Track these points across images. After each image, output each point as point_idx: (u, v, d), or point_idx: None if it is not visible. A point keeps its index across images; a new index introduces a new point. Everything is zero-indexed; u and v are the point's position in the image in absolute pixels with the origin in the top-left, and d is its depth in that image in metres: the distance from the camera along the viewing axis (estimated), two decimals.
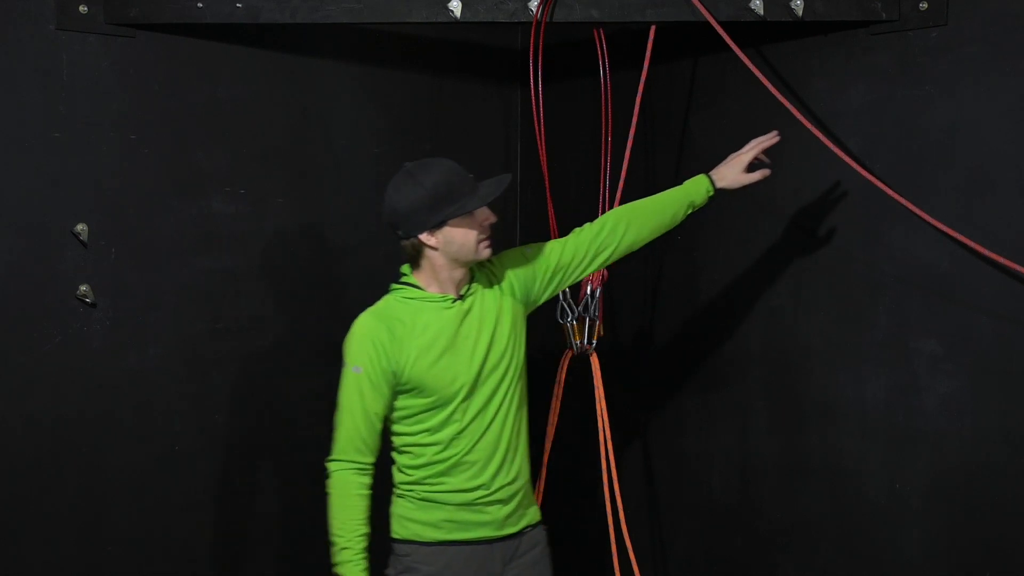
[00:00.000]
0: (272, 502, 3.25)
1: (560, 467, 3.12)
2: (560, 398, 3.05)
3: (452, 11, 2.88)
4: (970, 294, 2.56)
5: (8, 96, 2.79)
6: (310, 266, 3.30)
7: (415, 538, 2.55)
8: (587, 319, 3.02)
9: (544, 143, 3.13)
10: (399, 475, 2.59)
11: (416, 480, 2.55)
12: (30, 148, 2.82)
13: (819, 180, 2.83)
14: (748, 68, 2.70)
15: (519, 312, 2.61)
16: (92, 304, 2.91)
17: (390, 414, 2.54)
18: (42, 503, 2.87)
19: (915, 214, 2.57)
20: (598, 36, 3.11)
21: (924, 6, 2.61)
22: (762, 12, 2.74)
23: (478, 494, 2.53)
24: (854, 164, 2.66)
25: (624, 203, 2.76)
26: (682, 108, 3.18)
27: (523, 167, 3.65)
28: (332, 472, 2.52)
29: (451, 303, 2.52)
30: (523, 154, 3.66)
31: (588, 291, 3.01)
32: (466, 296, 2.54)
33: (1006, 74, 2.50)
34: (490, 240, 2.52)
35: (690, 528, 3.24)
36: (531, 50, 3.03)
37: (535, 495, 2.83)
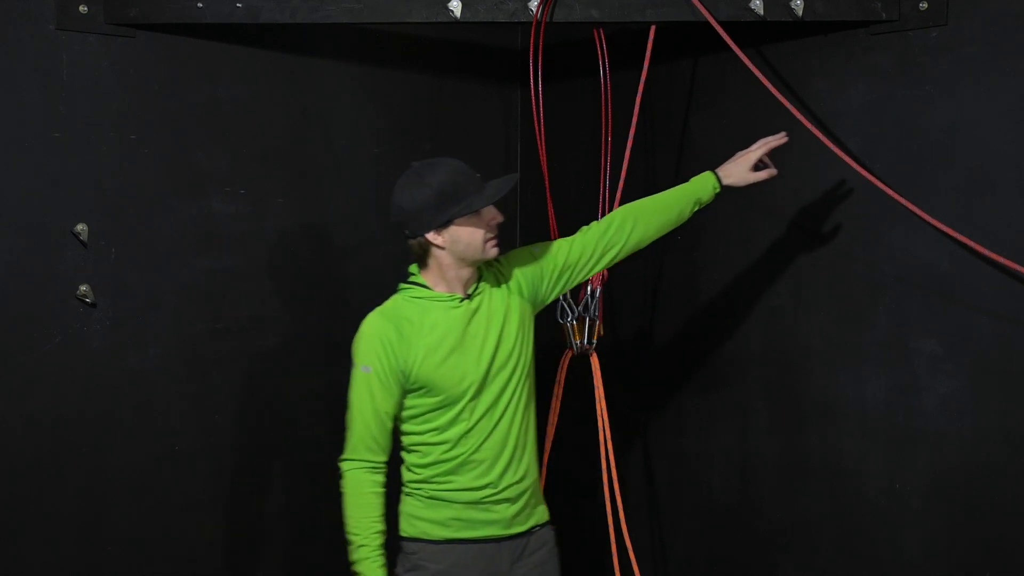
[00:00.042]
0: (272, 502, 3.26)
1: (560, 467, 3.12)
2: (560, 398, 3.05)
3: (452, 11, 2.88)
4: (970, 294, 2.56)
5: (8, 96, 2.79)
6: (310, 266, 3.30)
7: (423, 536, 2.55)
8: (587, 319, 3.02)
9: (544, 143, 3.13)
10: (407, 473, 2.59)
11: (424, 478, 2.55)
12: (30, 148, 2.82)
13: (819, 180, 2.83)
14: (748, 68, 2.70)
15: (527, 311, 2.61)
16: (92, 304, 2.91)
17: (399, 413, 2.54)
18: (42, 503, 2.87)
19: (915, 214, 2.57)
20: (598, 36, 3.11)
21: (924, 6, 2.61)
22: (762, 12, 2.74)
23: (486, 492, 2.53)
24: (854, 164, 2.66)
25: (624, 203, 2.76)
26: (682, 108, 3.18)
27: (523, 167, 3.64)
28: (345, 472, 2.53)
29: (459, 302, 2.52)
30: (523, 154, 3.66)
31: (588, 291, 3.01)
32: (474, 295, 2.54)
33: (1006, 74, 2.50)
34: (497, 239, 2.52)
35: (690, 528, 3.24)
36: (531, 50, 3.02)
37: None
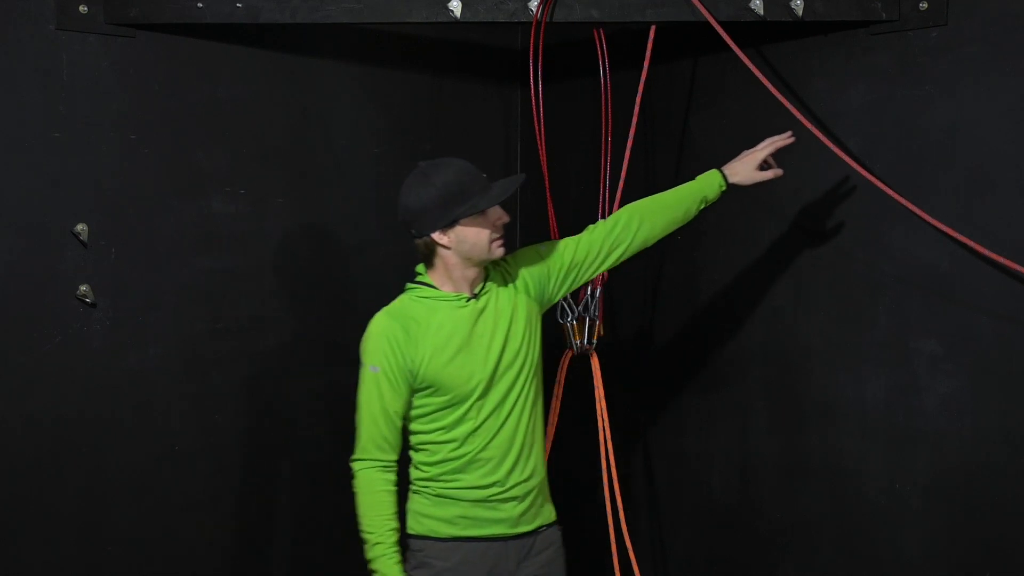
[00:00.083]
0: (272, 502, 3.25)
1: (560, 467, 3.12)
2: (560, 398, 3.05)
3: (452, 11, 2.88)
4: (970, 294, 2.56)
5: (8, 96, 2.79)
6: (310, 266, 3.30)
7: (430, 534, 2.56)
8: (587, 319, 3.02)
9: (544, 143, 3.13)
10: (415, 472, 2.60)
11: (432, 476, 2.55)
12: (30, 148, 2.82)
13: (819, 180, 2.83)
14: (748, 68, 2.70)
15: (534, 310, 2.61)
16: (92, 304, 2.91)
17: (408, 412, 2.55)
18: (42, 503, 2.87)
19: (915, 214, 2.57)
20: (598, 36, 3.11)
21: (924, 6, 2.61)
22: (762, 12, 2.74)
23: (493, 491, 2.54)
24: (854, 164, 2.67)
25: (624, 203, 2.76)
26: (682, 108, 3.18)
27: (523, 167, 3.64)
28: (357, 472, 2.53)
29: (465, 302, 2.53)
30: (523, 154, 3.65)
31: (588, 291, 3.01)
32: (480, 295, 2.55)
33: (1006, 74, 2.50)
34: (503, 239, 2.53)
35: (690, 528, 3.24)
36: (531, 50, 3.02)
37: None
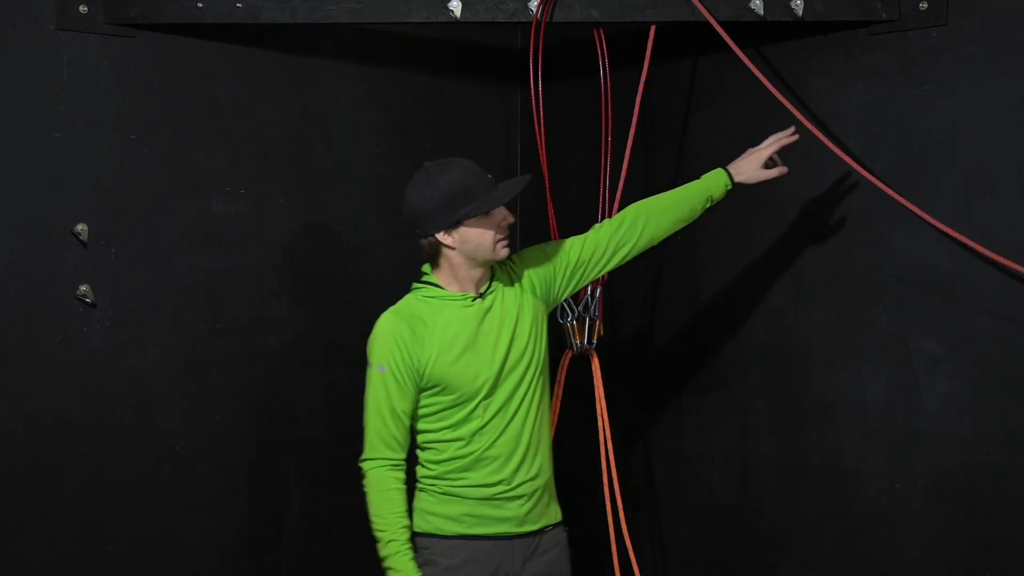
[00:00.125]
0: (272, 502, 3.25)
1: (560, 467, 3.11)
2: (560, 398, 3.05)
3: (452, 11, 2.88)
4: (970, 294, 2.56)
5: (8, 96, 2.79)
6: (310, 266, 3.30)
7: (436, 531, 2.57)
8: (587, 319, 3.02)
9: (544, 143, 3.13)
10: (422, 470, 2.60)
11: (438, 475, 2.56)
12: (30, 148, 2.82)
13: (819, 180, 2.83)
14: (748, 68, 2.70)
15: (540, 309, 2.62)
16: (92, 304, 2.90)
17: (415, 411, 2.55)
18: (42, 503, 2.87)
19: (915, 214, 2.57)
20: (598, 36, 3.11)
21: (924, 6, 2.61)
22: (762, 12, 2.74)
23: (499, 489, 2.54)
24: (854, 164, 2.66)
25: (625, 203, 2.76)
26: (682, 108, 3.18)
27: (523, 167, 3.64)
28: (367, 471, 2.54)
29: (471, 301, 2.53)
30: (523, 154, 3.65)
31: (588, 291, 3.01)
32: (486, 294, 2.55)
33: (1006, 74, 2.50)
34: (508, 240, 2.53)
35: (690, 528, 3.24)
36: (531, 50, 3.02)
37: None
